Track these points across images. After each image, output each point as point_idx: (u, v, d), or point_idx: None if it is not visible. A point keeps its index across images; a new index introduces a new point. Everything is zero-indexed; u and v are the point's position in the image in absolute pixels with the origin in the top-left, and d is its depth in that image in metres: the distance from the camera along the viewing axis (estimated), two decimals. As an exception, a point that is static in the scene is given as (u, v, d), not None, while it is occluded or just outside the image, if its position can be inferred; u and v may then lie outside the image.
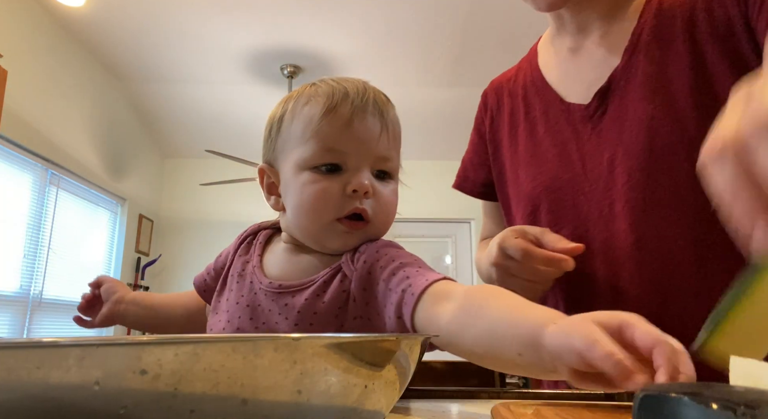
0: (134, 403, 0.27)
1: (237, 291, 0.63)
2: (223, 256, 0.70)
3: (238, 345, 0.28)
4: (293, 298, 0.58)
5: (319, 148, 0.58)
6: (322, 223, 0.59)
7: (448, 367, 0.94)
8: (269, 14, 3.07)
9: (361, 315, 0.56)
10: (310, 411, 0.30)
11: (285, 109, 0.63)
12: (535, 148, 0.78)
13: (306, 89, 0.63)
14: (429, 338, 0.40)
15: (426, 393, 0.63)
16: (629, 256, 0.66)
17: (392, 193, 0.62)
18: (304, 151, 0.59)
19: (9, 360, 0.27)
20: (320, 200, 0.58)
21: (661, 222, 0.65)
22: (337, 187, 0.58)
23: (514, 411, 0.40)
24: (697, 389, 0.21)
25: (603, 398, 0.60)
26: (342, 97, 0.59)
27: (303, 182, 0.59)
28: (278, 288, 0.60)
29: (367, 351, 0.32)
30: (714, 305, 0.35)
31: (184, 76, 3.76)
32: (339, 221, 0.59)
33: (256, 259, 0.65)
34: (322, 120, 0.58)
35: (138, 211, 4.41)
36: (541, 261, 0.64)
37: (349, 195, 0.58)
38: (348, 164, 0.59)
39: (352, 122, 0.58)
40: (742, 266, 0.35)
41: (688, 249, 0.63)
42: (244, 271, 0.65)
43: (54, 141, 3.30)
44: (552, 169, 0.74)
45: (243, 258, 0.67)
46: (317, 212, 0.59)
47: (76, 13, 3.12)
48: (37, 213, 3.27)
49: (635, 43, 0.70)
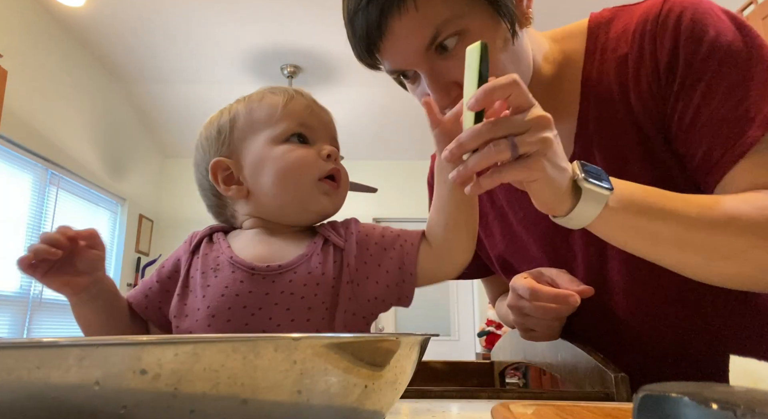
0: (134, 403, 0.27)
1: (216, 287, 0.62)
2: (170, 263, 0.69)
3: (238, 345, 0.28)
4: (296, 274, 0.62)
5: (291, 124, 0.66)
6: (307, 183, 0.65)
7: (448, 367, 0.94)
8: (269, 14, 3.07)
9: (351, 279, 0.63)
10: (310, 411, 0.30)
11: (236, 110, 0.69)
12: (513, 237, 0.80)
13: (254, 94, 0.70)
14: (429, 338, 0.40)
15: (426, 393, 0.63)
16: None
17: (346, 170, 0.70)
18: (275, 130, 0.66)
19: (9, 360, 0.27)
20: (302, 162, 0.65)
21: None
22: (313, 152, 0.66)
23: (514, 411, 0.40)
24: (697, 389, 0.21)
25: (603, 398, 0.60)
26: (294, 93, 0.69)
27: (282, 152, 0.65)
28: (277, 268, 0.62)
29: (367, 351, 0.32)
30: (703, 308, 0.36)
31: (184, 76, 3.76)
32: (321, 181, 0.65)
33: (227, 251, 0.65)
34: (287, 103, 0.67)
35: (138, 211, 4.41)
36: (548, 299, 0.66)
37: (324, 158, 0.65)
38: (314, 138, 0.67)
39: (312, 106, 0.68)
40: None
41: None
42: (218, 265, 0.64)
43: (54, 141, 3.30)
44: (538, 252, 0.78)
45: (209, 256, 0.66)
46: (300, 173, 0.65)
47: (76, 13, 3.12)
48: (37, 213, 3.27)
49: (584, 132, 0.69)
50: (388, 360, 0.34)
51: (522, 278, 0.70)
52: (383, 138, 4.52)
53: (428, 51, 0.60)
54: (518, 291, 0.70)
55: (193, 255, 0.68)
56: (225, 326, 0.60)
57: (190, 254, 0.68)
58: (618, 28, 0.67)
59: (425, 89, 0.64)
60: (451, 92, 0.63)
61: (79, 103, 3.58)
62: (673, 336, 0.69)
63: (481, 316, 4.74)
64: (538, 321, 0.71)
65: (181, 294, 0.65)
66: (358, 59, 0.65)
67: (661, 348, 0.70)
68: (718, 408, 0.19)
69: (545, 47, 0.70)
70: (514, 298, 0.71)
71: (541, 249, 0.76)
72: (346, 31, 0.64)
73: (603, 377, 0.63)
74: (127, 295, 0.70)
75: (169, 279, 0.68)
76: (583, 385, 0.68)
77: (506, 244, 0.81)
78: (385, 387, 0.34)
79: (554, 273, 0.70)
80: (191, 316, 0.63)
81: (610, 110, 0.67)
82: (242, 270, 0.62)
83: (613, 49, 0.67)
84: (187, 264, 0.67)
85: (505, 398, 0.63)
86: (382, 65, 0.65)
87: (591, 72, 0.68)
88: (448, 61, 0.61)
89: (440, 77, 0.62)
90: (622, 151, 0.66)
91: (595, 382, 0.65)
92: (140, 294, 0.69)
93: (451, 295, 5.19)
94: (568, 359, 0.73)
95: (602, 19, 0.70)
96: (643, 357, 0.71)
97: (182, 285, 0.66)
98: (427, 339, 0.40)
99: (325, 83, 3.86)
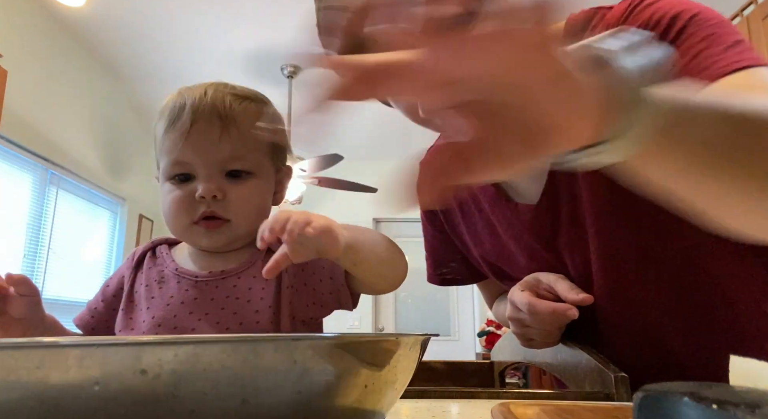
0: (134, 403, 0.27)
1: (161, 298, 0.64)
2: (115, 282, 0.71)
3: (238, 346, 0.28)
4: (239, 279, 0.64)
5: (169, 162, 0.65)
6: (182, 227, 0.65)
7: (448, 367, 0.94)
8: (269, 14, 3.07)
9: (291, 285, 0.64)
10: (310, 411, 0.30)
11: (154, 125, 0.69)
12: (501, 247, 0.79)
13: (165, 101, 0.68)
14: (429, 338, 0.40)
15: (426, 393, 0.63)
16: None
17: (250, 188, 0.66)
18: (161, 166, 0.66)
19: (9, 360, 0.27)
20: (174, 207, 0.65)
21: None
22: (187, 194, 0.64)
23: (514, 411, 0.40)
24: (698, 389, 0.21)
25: (603, 398, 0.60)
26: (179, 110, 0.64)
27: (164, 192, 0.66)
28: (220, 274, 0.64)
29: (367, 351, 0.32)
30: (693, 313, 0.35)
31: (184, 76, 3.76)
32: (196, 224, 0.64)
33: (171, 264, 0.68)
34: (164, 136, 0.65)
35: (138, 211, 4.41)
36: (546, 313, 0.67)
37: (198, 200, 0.63)
38: (197, 172, 0.64)
39: (190, 131, 0.63)
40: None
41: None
42: (162, 278, 0.67)
43: (54, 141, 3.30)
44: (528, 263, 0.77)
45: (153, 270, 0.68)
46: (175, 218, 0.65)
47: (76, 13, 3.12)
48: (37, 213, 3.27)
49: None
50: (388, 360, 0.34)
51: (519, 291, 0.70)
52: (383, 138, 4.52)
53: None
54: (516, 305, 0.70)
55: (137, 270, 0.70)
56: (171, 333, 0.61)
57: (134, 270, 0.70)
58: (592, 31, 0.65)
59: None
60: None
61: (79, 103, 3.58)
62: (665, 340, 0.69)
63: (481, 316, 4.74)
64: (537, 331, 0.71)
65: (125, 309, 0.67)
66: None
67: (654, 355, 0.70)
68: (718, 408, 0.19)
69: None
70: (513, 311, 0.72)
71: (530, 261, 0.75)
72: None
73: (603, 377, 0.63)
74: (73, 319, 0.71)
75: (114, 296, 0.70)
76: (583, 385, 0.68)
77: (497, 254, 0.81)
78: (385, 387, 0.34)
79: (552, 279, 0.69)
80: (137, 329, 0.64)
81: None
82: (187, 279, 0.65)
83: None
84: (131, 280, 0.69)
85: (505, 398, 0.63)
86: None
87: None
88: None
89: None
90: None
91: (595, 382, 0.65)
92: (86, 315, 0.70)
93: (451, 295, 5.19)
94: (568, 359, 0.73)
95: (578, 21, 0.68)
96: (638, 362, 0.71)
97: (126, 300, 0.68)
98: (427, 339, 0.39)
99: (325, 83, 3.86)
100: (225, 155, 0.64)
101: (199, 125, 0.63)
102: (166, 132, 0.64)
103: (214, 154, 0.63)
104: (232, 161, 0.64)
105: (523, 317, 0.70)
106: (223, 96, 0.65)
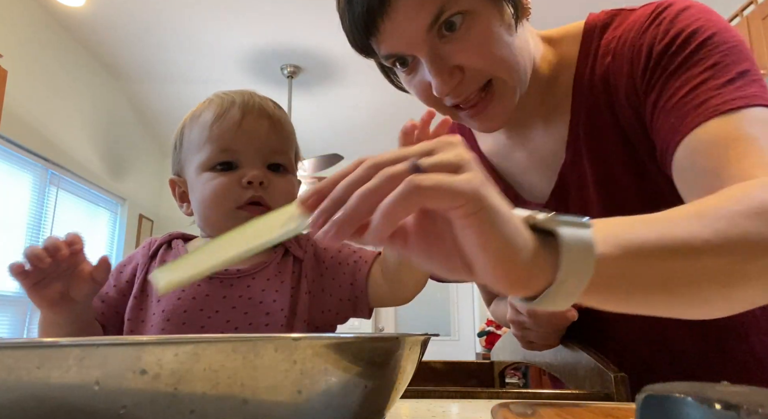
0: (134, 403, 0.27)
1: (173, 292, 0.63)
2: (129, 269, 0.70)
3: (238, 345, 0.28)
4: (254, 279, 0.64)
5: (214, 150, 0.66)
6: (225, 211, 0.65)
7: (448, 367, 0.94)
8: (269, 14, 3.07)
9: (309, 290, 0.65)
10: (310, 411, 0.30)
11: (184, 124, 0.70)
12: None
13: (201, 104, 0.70)
14: (429, 338, 0.40)
15: (426, 393, 0.63)
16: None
17: (288, 182, 0.68)
18: (202, 156, 0.66)
19: (9, 360, 0.27)
20: (220, 192, 0.65)
21: None
22: (233, 181, 0.65)
23: (514, 411, 0.40)
24: (701, 389, 0.21)
25: (603, 398, 0.60)
26: (230, 104, 0.67)
27: (203, 181, 0.66)
28: (236, 273, 0.64)
29: (367, 351, 0.32)
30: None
31: (184, 76, 3.76)
32: (240, 209, 0.65)
33: None
34: (213, 124, 0.66)
35: (138, 211, 4.41)
36: (546, 316, 0.68)
37: (245, 186, 0.64)
38: (242, 161, 0.66)
39: (241, 123, 0.66)
40: None
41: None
42: None
43: (54, 141, 3.30)
44: None
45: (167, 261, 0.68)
46: (218, 202, 0.65)
47: (76, 13, 3.12)
48: (37, 213, 3.26)
49: (575, 139, 0.67)
50: (388, 360, 0.34)
51: None
52: (383, 137, 4.51)
53: (429, 32, 0.56)
54: (516, 308, 0.71)
55: (152, 260, 0.69)
56: (180, 329, 0.61)
57: (149, 259, 0.70)
58: (611, 33, 0.65)
59: (424, 77, 0.60)
60: (453, 77, 0.58)
61: (79, 103, 3.58)
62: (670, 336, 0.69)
63: (481, 316, 4.74)
64: (537, 334, 0.72)
65: (138, 297, 0.66)
66: (352, 44, 0.61)
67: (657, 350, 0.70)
68: (721, 408, 0.19)
69: (541, 47, 0.70)
70: (513, 313, 0.72)
71: None
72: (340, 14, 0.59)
73: (603, 377, 0.63)
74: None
75: (127, 283, 0.69)
76: (583, 385, 0.68)
77: None
78: (385, 387, 0.34)
79: None
80: (147, 321, 0.64)
81: (599, 118, 0.65)
82: None
83: (603, 55, 0.65)
84: (144, 268, 0.68)
85: (505, 398, 0.63)
86: (378, 49, 0.59)
87: (582, 77, 0.66)
88: (451, 45, 0.57)
89: (442, 61, 0.58)
90: (610, 161, 0.64)
91: (595, 382, 0.65)
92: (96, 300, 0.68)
93: (451, 295, 5.19)
94: (568, 359, 0.73)
95: (598, 22, 0.67)
96: (641, 358, 0.71)
97: (139, 289, 0.67)
98: (427, 339, 0.39)
99: (325, 83, 3.86)
100: (272, 148, 0.67)
101: (249, 119, 0.67)
102: (215, 121, 0.66)
103: (263, 144, 0.67)
104: (275, 155, 0.68)
105: (524, 320, 0.71)
106: (266, 100, 0.70)
